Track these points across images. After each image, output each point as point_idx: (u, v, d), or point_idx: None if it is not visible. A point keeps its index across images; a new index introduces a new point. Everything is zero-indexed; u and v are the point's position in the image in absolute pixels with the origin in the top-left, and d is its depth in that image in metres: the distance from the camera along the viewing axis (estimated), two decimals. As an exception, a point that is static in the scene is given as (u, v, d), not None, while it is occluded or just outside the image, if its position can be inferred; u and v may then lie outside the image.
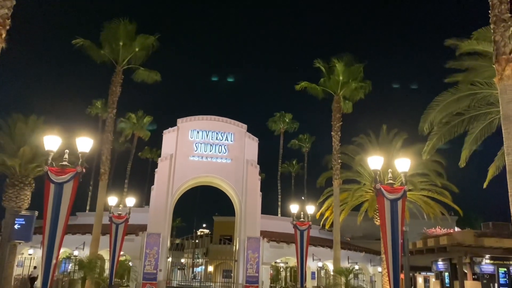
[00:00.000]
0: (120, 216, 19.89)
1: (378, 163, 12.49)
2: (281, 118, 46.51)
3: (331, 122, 21.25)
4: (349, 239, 41.03)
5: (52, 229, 10.51)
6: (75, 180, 10.89)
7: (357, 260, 34.26)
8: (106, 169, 17.94)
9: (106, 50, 18.51)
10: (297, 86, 21.40)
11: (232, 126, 32.36)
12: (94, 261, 13.46)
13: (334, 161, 20.84)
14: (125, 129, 43.16)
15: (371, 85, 21.20)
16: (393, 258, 11.75)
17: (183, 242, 58.96)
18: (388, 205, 12.01)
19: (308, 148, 49.62)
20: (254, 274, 28.96)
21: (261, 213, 32.67)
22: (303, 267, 21.15)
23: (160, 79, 20.23)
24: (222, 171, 31.25)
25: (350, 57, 20.92)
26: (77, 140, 11.12)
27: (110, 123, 18.34)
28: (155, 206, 29.63)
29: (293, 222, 21.63)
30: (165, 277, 29.50)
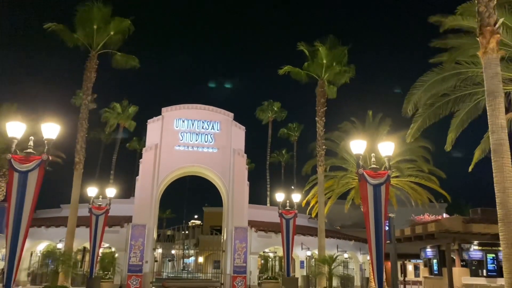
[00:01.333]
0: (100, 207, 19.38)
1: (361, 147, 12.06)
2: (270, 106, 45.91)
3: (315, 108, 20.76)
4: (339, 227, 40.83)
5: (16, 221, 9.95)
6: (41, 168, 10.30)
7: (346, 248, 34.07)
8: (81, 158, 17.32)
9: (80, 34, 17.77)
10: (280, 70, 20.83)
11: (218, 114, 31.74)
12: (67, 253, 12.91)
13: (319, 147, 20.37)
14: (109, 119, 42.31)
15: (355, 70, 20.72)
16: (376, 245, 11.39)
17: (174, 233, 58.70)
18: (371, 191, 11.62)
19: (297, 137, 49.14)
20: (241, 264, 28.58)
21: (249, 203, 32.33)
22: (289, 256, 20.84)
23: (138, 64, 19.54)
24: (208, 161, 30.68)
25: (333, 40, 20.37)
26: (42, 126, 10.48)
27: (84, 110, 17.67)
28: (140, 197, 29.05)
29: (279, 211, 21.29)
30: (151, 269, 29.00)
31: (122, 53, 18.91)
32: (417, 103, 12.77)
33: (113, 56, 19.01)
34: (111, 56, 18.92)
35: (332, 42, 20.26)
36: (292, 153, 50.41)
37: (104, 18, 17.52)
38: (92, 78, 17.90)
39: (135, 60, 19.41)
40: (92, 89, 17.76)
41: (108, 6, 17.38)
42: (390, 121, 20.21)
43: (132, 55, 19.35)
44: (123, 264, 27.62)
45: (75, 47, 17.98)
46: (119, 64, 19.26)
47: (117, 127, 44.02)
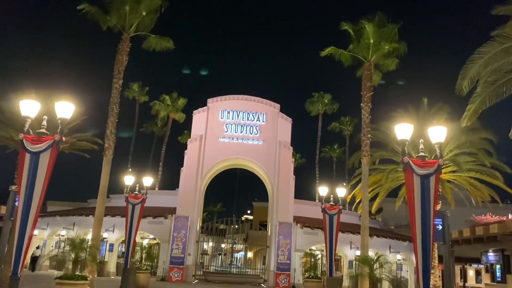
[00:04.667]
0: (137, 196, 18.95)
1: (407, 131, 10.50)
2: (320, 98, 44.13)
3: (360, 92, 19.05)
4: (393, 227, 38.50)
5: (26, 204, 9.45)
6: (53, 149, 9.74)
7: (400, 249, 31.83)
8: (110, 143, 16.90)
9: (113, 17, 17.40)
10: (323, 52, 19.30)
11: (264, 106, 30.78)
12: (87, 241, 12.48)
13: (363, 136, 18.66)
14: (159, 111, 42.59)
15: (407, 47, 18.67)
16: (422, 245, 9.84)
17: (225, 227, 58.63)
18: (418, 182, 10.08)
19: (350, 131, 46.89)
20: (285, 261, 27.50)
21: (297, 198, 31.12)
22: (332, 255, 19.42)
23: (172, 46, 18.81)
24: (253, 153, 29.84)
25: (382, 17, 18.48)
26: (56, 104, 9.90)
27: (115, 94, 17.24)
28: (184, 188, 28.77)
29: (322, 206, 19.89)
30: (194, 262, 28.60)
31: (156, 34, 18.31)
32: (473, 79, 10.94)
33: (146, 38, 18.50)
34: (144, 38, 18.42)
35: (380, 19, 18.45)
36: (345, 148, 48.30)
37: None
38: (124, 61, 17.46)
39: (169, 41, 18.76)
40: (125, 73, 17.36)
41: None
42: (448, 109, 18.10)
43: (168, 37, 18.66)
44: (166, 256, 27.49)
45: (108, 30, 17.66)
46: (152, 46, 18.72)
47: (167, 119, 44.27)
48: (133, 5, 17.21)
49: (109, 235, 29.42)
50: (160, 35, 18.49)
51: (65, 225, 30.44)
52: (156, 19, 18.03)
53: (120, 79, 17.33)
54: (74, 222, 30.05)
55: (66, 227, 30.27)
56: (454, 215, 17.74)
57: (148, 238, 32.95)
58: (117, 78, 17.24)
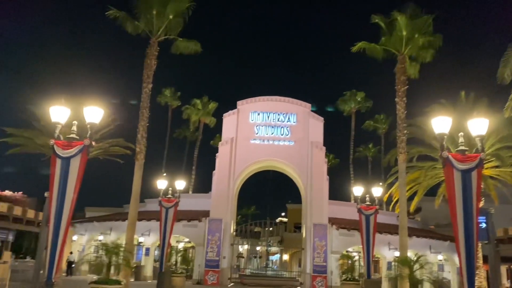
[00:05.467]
0: (170, 199, 19.02)
1: (445, 125, 9.95)
2: (352, 97, 43.24)
3: (394, 87, 18.35)
4: (433, 227, 37.19)
5: (58, 209, 9.51)
6: (83, 154, 9.78)
7: (441, 249, 30.69)
8: (142, 148, 17.00)
9: (141, 21, 17.54)
10: (354, 47, 18.72)
11: (294, 106, 30.42)
12: (120, 246, 12.52)
13: (399, 132, 17.96)
14: (191, 115, 42.92)
15: (442, 40, 17.86)
16: (466, 244, 9.28)
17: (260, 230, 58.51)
18: (459, 177, 9.51)
19: (384, 129, 45.68)
20: (321, 263, 27.00)
21: (331, 199, 30.56)
22: (369, 256, 18.86)
23: (200, 49, 18.79)
24: (284, 154, 29.51)
25: (414, 8, 17.74)
26: (85, 109, 9.95)
27: (145, 98, 17.35)
28: (216, 191, 28.76)
29: (358, 206, 19.34)
30: (230, 265, 28.52)
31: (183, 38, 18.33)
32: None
33: (174, 42, 18.54)
34: (173, 42, 18.48)
35: (413, 10, 17.76)
36: (380, 147, 47.14)
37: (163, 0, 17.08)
38: (152, 65, 17.57)
39: (197, 44, 18.74)
40: (157, 78, 17.49)
41: None
42: (487, 101, 17.21)
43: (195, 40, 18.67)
44: (201, 259, 27.53)
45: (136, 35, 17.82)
46: (180, 50, 18.75)
47: (199, 123, 44.55)
48: (160, 9, 17.29)
49: (145, 239, 29.80)
50: (188, 38, 18.54)
51: (102, 230, 31.01)
52: (183, 23, 18.06)
53: (149, 83, 17.44)
54: (111, 227, 30.57)
55: (104, 232, 30.83)
56: (498, 213, 16.81)
57: (183, 241, 33.14)
58: (147, 83, 17.36)
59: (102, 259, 11.78)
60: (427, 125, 17.50)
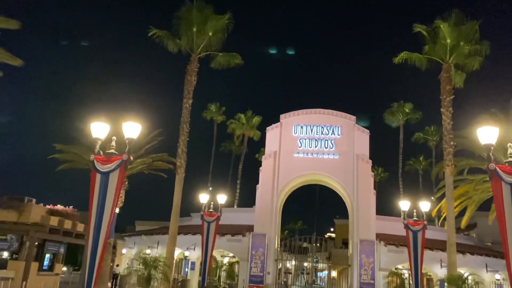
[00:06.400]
0: (212, 214, 19.11)
1: (492, 135, 9.37)
2: (400, 108, 41.96)
3: (439, 97, 17.53)
4: (490, 243, 35.01)
5: (97, 223, 9.75)
6: (121, 168, 10.02)
7: (498, 268, 28.70)
8: (182, 162, 17.26)
9: (182, 39, 17.96)
10: (396, 58, 18.14)
11: (338, 118, 29.89)
12: (159, 259, 12.62)
13: (445, 143, 17.11)
14: (235, 130, 43.36)
15: (490, 47, 16.88)
16: (518, 263, 8.55)
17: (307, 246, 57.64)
18: (508, 191, 8.91)
19: (436, 141, 43.91)
20: (369, 281, 26.03)
21: (380, 215, 29.61)
22: (417, 274, 17.92)
23: (241, 61, 18.96)
24: (329, 168, 28.96)
25: (458, 14, 16.94)
26: (123, 125, 10.22)
27: (185, 113, 17.65)
28: (260, 206, 28.63)
29: (404, 222, 18.54)
30: (274, 280, 28.15)
31: (223, 52, 18.55)
32: None
33: (215, 58, 18.81)
34: (213, 58, 18.75)
35: (457, 17, 16.98)
36: (431, 160, 45.31)
37: (203, 19, 17.42)
38: (193, 81, 17.90)
39: (238, 57, 18.91)
40: (193, 92, 17.73)
41: (207, 5, 17.23)
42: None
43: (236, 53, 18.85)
44: (245, 274, 27.38)
45: (178, 52, 18.25)
46: (221, 64, 18.97)
47: (243, 137, 44.92)
48: (200, 27, 17.67)
49: (190, 253, 30.04)
50: (228, 52, 18.76)
51: (150, 244, 31.66)
52: (223, 38, 18.35)
53: (190, 98, 17.77)
54: (158, 241, 31.13)
55: (151, 245, 31.46)
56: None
57: (228, 256, 33.19)
58: (187, 98, 17.71)
59: (142, 272, 11.92)
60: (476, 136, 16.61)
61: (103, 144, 10.46)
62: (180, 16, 17.86)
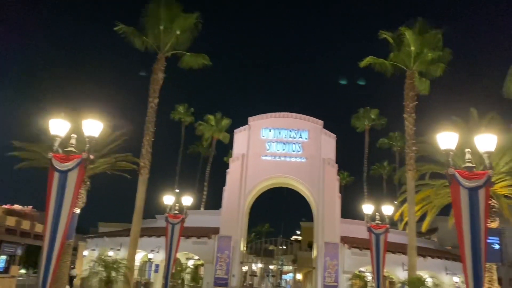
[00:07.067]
0: (177, 216, 18.82)
1: (451, 141, 9.64)
2: (366, 114, 42.83)
3: (403, 103, 17.97)
4: (450, 247, 36.10)
5: (54, 222, 9.42)
6: (81, 167, 9.72)
7: (457, 271, 29.61)
8: (146, 162, 16.96)
9: (150, 37, 17.68)
10: (361, 62, 18.51)
11: (306, 122, 30.18)
12: (119, 261, 12.33)
13: (408, 148, 17.55)
14: (204, 132, 43.04)
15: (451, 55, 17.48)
16: (473, 265, 8.83)
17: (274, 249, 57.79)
18: (466, 196, 9.16)
19: (399, 147, 44.99)
20: (333, 284, 26.35)
21: (344, 218, 30.00)
22: (379, 276, 18.20)
23: (209, 62, 18.76)
24: (296, 171, 29.18)
25: (423, 23, 17.46)
26: (83, 122, 9.93)
27: (151, 113, 17.37)
28: (226, 208, 28.52)
29: (367, 225, 18.82)
30: (239, 283, 28.04)
31: (192, 53, 18.35)
32: (524, 80, 9.88)
33: (182, 57, 18.59)
34: (180, 58, 18.52)
35: (421, 25, 17.48)
36: (395, 165, 46.39)
37: (171, 16, 17.18)
38: (159, 80, 17.63)
39: (205, 58, 18.73)
40: (160, 92, 17.48)
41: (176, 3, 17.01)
42: (501, 119, 16.68)
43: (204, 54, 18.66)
44: (210, 277, 27.15)
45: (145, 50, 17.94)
46: (189, 64, 18.75)
47: (212, 140, 44.65)
48: (167, 25, 17.42)
49: (154, 256, 29.55)
50: (197, 53, 18.56)
51: (112, 246, 30.93)
52: (191, 38, 18.14)
53: (156, 97, 17.49)
54: (121, 243, 30.45)
55: (114, 248, 30.74)
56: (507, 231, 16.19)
57: (193, 258, 32.85)
58: (153, 97, 17.42)
59: (101, 275, 11.59)
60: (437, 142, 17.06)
61: (63, 142, 10.12)
62: (147, 13, 17.56)
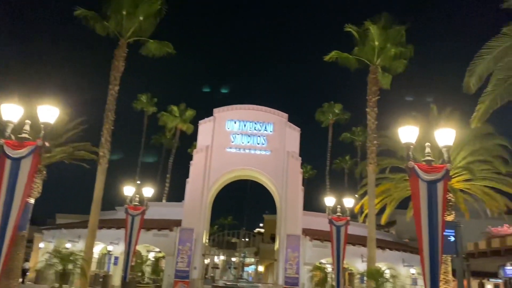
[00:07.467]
0: (137, 207, 18.40)
1: (412, 135, 9.81)
2: (330, 109, 43.37)
3: (366, 97, 18.26)
4: (407, 240, 37.25)
5: (5, 212, 8.94)
6: (35, 155, 9.26)
7: (414, 263, 30.58)
8: (105, 152, 16.45)
9: (111, 22, 17.06)
10: (326, 57, 18.63)
11: (271, 115, 30.17)
12: (75, 253, 11.92)
13: (369, 142, 17.88)
14: (167, 122, 42.32)
15: (413, 51, 17.88)
16: (430, 257, 9.05)
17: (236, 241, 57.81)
18: (425, 189, 9.34)
19: (361, 141, 45.91)
20: (294, 275, 26.58)
21: (307, 210, 30.29)
22: (339, 268, 18.51)
23: (173, 51, 18.31)
24: (260, 164, 29.17)
25: (388, 18, 17.79)
26: (38, 108, 9.45)
27: (111, 100, 16.84)
28: (189, 200, 28.19)
29: (329, 217, 19.07)
30: (200, 275, 27.85)
31: (155, 40, 17.85)
32: (483, 76, 10.17)
33: (145, 44, 18.08)
34: (143, 44, 18.01)
35: (386, 20, 17.76)
36: (356, 159, 47.32)
37: (134, 1, 16.65)
38: (120, 67, 17.09)
39: (169, 46, 18.27)
40: (121, 79, 16.93)
41: None
42: (460, 114, 17.23)
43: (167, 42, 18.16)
44: (171, 269, 26.81)
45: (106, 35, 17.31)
46: (152, 52, 18.24)
47: (175, 131, 43.97)
48: (130, 10, 16.87)
49: (114, 248, 28.91)
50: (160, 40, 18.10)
51: (70, 238, 30.03)
52: (155, 25, 17.66)
53: (116, 85, 16.94)
54: (79, 235, 29.60)
55: (72, 240, 29.86)
56: (469, 227, 16.78)
57: (154, 251, 32.37)
58: (113, 85, 16.87)
59: (57, 268, 11.14)
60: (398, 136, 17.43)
61: (16, 128, 9.61)
62: (111, 0, 16.94)
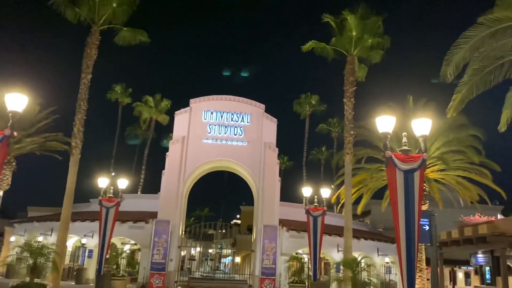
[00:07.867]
0: (111, 199, 18.03)
1: (389, 124, 9.82)
2: (307, 100, 43.50)
3: (343, 88, 18.32)
4: (382, 229, 37.86)
5: (-30, 204, 8.51)
6: (3, 145, 8.86)
7: (388, 252, 31.17)
8: (78, 142, 16.01)
9: (83, 9, 16.50)
10: (304, 46, 18.58)
11: (248, 106, 29.98)
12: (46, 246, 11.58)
13: (346, 132, 17.97)
14: (142, 113, 41.63)
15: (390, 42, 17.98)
16: (407, 246, 9.14)
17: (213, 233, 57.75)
18: (402, 178, 9.40)
19: (337, 132, 46.32)
20: (270, 266, 26.63)
21: (284, 201, 30.37)
22: (316, 258, 18.68)
23: (147, 39, 17.89)
24: (237, 155, 29.00)
25: (365, 8, 17.82)
26: (6, 96, 9.03)
27: (83, 89, 16.36)
28: (165, 192, 27.83)
29: (306, 207, 19.15)
30: (176, 268, 27.63)
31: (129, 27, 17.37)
32: (459, 66, 10.28)
33: (119, 32, 17.58)
34: (117, 32, 17.51)
35: (364, 11, 17.78)
36: (333, 150, 47.72)
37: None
38: (93, 55, 16.58)
39: (144, 34, 17.83)
40: (93, 68, 16.44)
41: None
42: (435, 105, 17.48)
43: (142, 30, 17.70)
44: (146, 262, 26.52)
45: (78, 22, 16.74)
46: (125, 40, 17.77)
47: (150, 121, 43.32)
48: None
49: (88, 241, 28.41)
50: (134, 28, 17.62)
51: (43, 231, 29.34)
52: (129, 12, 17.15)
53: (89, 73, 16.44)
54: (52, 228, 28.94)
55: (44, 233, 29.18)
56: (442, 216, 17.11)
57: (129, 243, 31.96)
58: (86, 73, 16.36)
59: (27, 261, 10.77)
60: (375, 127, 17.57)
61: None
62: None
